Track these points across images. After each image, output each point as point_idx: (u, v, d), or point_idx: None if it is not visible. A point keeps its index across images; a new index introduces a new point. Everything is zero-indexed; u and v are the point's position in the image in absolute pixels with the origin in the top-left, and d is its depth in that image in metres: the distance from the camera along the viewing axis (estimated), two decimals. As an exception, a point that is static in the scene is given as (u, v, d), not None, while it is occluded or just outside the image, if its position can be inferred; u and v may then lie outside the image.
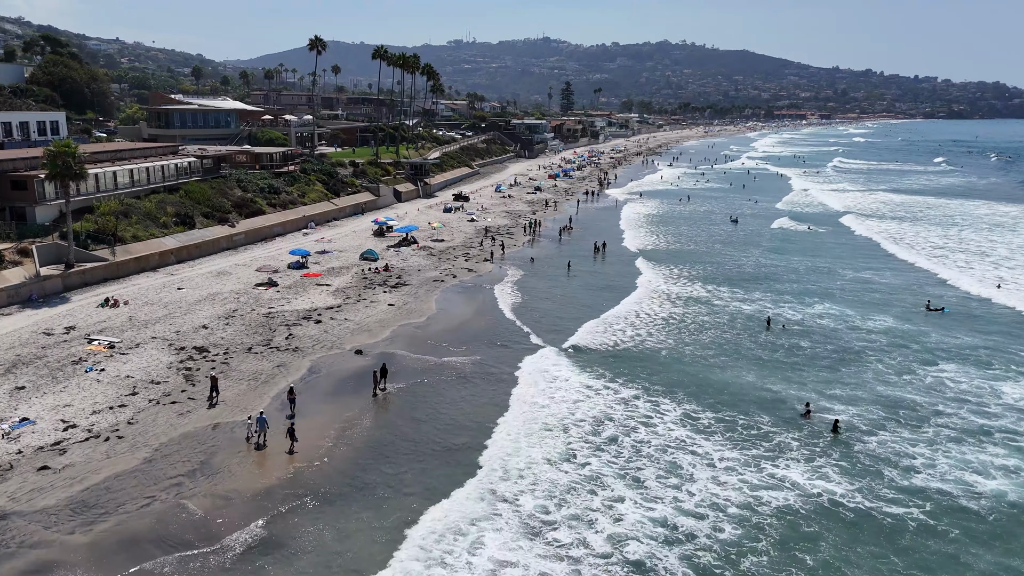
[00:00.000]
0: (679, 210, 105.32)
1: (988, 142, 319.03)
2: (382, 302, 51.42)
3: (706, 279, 62.67)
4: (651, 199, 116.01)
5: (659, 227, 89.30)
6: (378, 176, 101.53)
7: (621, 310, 52.50)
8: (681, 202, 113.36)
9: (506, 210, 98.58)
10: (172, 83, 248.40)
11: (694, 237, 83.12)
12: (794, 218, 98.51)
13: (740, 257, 72.25)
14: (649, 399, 36.66)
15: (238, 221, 69.44)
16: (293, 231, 75.87)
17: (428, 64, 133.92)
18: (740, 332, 47.86)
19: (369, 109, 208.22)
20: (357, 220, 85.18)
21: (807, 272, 65.65)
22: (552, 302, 54.20)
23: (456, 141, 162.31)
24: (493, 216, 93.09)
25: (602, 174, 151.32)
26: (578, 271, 64.58)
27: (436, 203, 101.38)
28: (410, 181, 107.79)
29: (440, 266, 63.89)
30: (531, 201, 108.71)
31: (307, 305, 49.76)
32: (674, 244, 78.85)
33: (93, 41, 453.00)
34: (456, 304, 52.49)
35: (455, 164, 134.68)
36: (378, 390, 36.35)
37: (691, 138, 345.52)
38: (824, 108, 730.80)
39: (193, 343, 41.27)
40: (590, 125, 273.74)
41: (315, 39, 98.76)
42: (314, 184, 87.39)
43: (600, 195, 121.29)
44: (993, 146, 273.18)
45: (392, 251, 68.89)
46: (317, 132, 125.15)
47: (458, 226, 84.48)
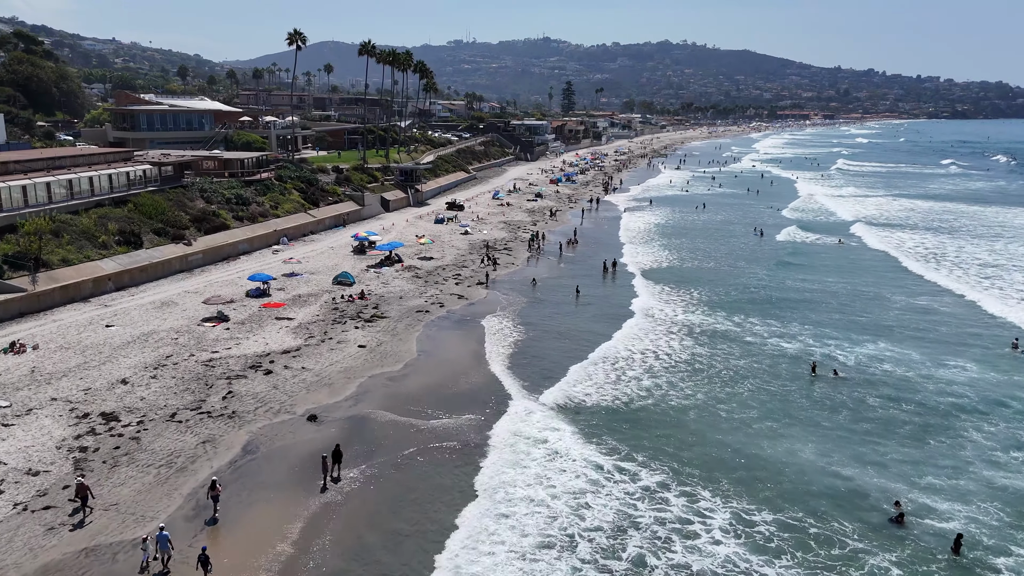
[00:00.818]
0: (693, 220, 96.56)
1: (993, 143, 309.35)
2: (352, 342, 42.74)
3: (732, 306, 54.00)
4: (662, 207, 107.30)
5: (673, 240, 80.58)
6: (364, 183, 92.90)
7: (636, 349, 43.86)
8: (697, 210, 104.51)
9: (504, 220, 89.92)
10: (161, 83, 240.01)
11: (713, 253, 74.39)
12: (803, 228, 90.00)
13: (767, 277, 63.55)
14: (682, 488, 28.01)
15: (196, 238, 60.78)
16: (262, 248, 67.22)
17: (421, 62, 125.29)
18: (785, 382, 39.17)
19: (362, 110, 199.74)
20: (337, 234, 76.50)
21: (849, 298, 56.89)
22: (556, 340, 45.49)
23: (452, 143, 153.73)
24: (490, 228, 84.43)
25: (607, 178, 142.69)
26: (587, 296, 55.89)
27: (427, 212, 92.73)
28: (400, 188, 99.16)
29: (426, 291, 55.22)
30: (531, 210, 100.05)
31: (259, 348, 41.07)
32: (691, 261, 70.13)
33: (88, 41, 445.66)
34: (441, 344, 43.79)
35: (450, 168, 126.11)
36: (330, 480, 27.72)
37: (695, 139, 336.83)
38: (827, 108, 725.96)
39: (103, 407, 32.59)
40: (592, 126, 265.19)
41: (294, 33, 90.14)
42: (290, 193, 78.77)
43: (605, 202, 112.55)
44: (1002, 147, 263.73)
45: (372, 272, 60.22)
46: (302, 135, 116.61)
47: (450, 240, 75.81)
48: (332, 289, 54.36)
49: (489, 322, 48.17)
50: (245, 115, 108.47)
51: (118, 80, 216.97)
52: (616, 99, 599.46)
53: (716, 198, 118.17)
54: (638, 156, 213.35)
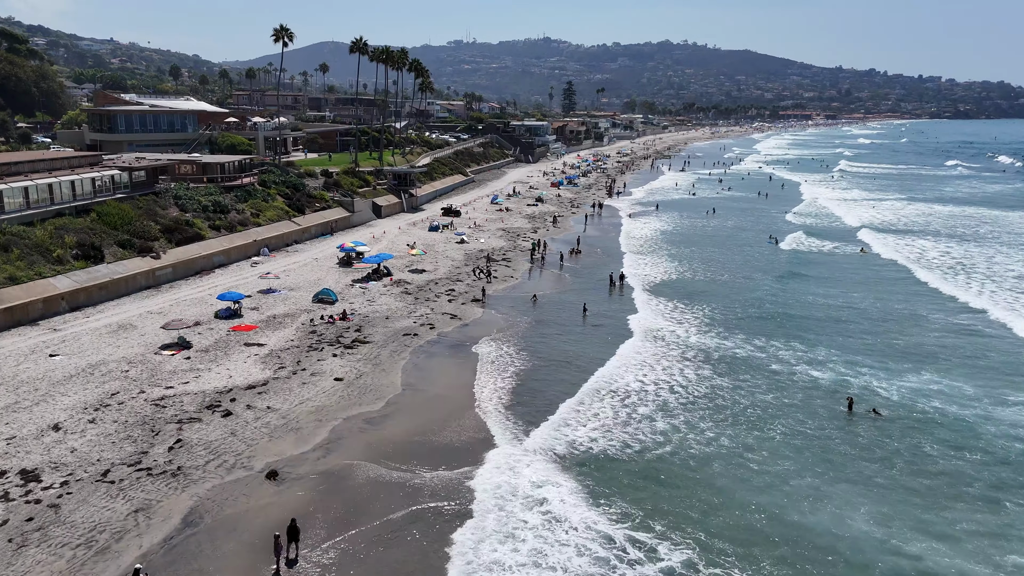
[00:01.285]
0: (703, 226, 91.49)
1: (1000, 143, 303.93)
2: (328, 374, 37.73)
3: (750, 326, 49.03)
4: (668, 212, 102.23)
5: (682, 249, 75.53)
6: (354, 188, 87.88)
7: (648, 379, 38.91)
8: (706, 215, 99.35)
9: (503, 227, 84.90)
10: (154, 83, 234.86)
11: (726, 263, 69.35)
12: (812, 234, 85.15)
13: (785, 291, 58.53)
14: (713, 572, 23.00)
15: (166, 250, 55.76)
16: (241, 259, 62.19)
17: (416, 60, 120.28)
18: (822, 422, 34.16)
19: (359, 110, 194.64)
20: (324, 243, 71.49)
21: (880, 317, 51.81)
22: (558, 369, 40.48)
23: (450, 145, 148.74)
24: (487, 236, 79.43)
25: (610, 181, 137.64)
26: (594, 315, 50.86)
27: (422, 219, 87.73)
28: (393, 193, 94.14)
29: (416, 310, 50.18)
30: (532, 215, 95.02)
31: (220, 382, 36.05)
32: (703, 273, 65.09)
33: (85, 41, 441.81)
34: (430, 376, 38.77)
35: (447, 171, 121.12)
36: (283, 564, 22.66)
37: (698, 139, 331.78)
38: (828, 108, 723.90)
39: (25, 461, 27.62)
40: (594, 127, 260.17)
41: (280, 28, 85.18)
42: (274, 200, 73.77)
43: (609, 207, 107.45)
44: (1010, 148, 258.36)
45: (358, 288, 55.20)
46: (291, 136, 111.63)
47: (445, 250, 70.81)
48: (312, 308, 49.35)
49: (485, 348, 43.14)
50: (231, 116, 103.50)
51: (109, 80, 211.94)
52: (617, 99, 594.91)
53: (725, 202, 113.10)
54: (641, 158, 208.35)
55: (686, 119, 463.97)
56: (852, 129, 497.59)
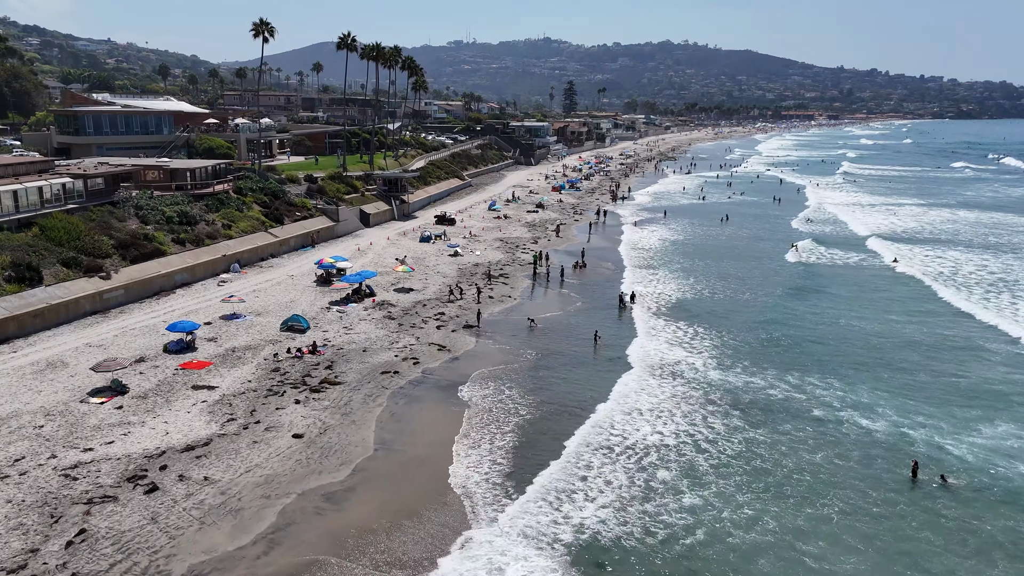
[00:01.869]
0: (716, 235, 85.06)
1: (1009, 143, 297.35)
2: (286, 428, 31.40)
3: (780, 357, 42.75)
4: (678, 219, 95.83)
5: (697, 262, 69.14)
6: (341, 194, 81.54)
7: (668, 431, 32.69)
8: (721, 223, 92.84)
9: (500, 237, 78.53)
10: (143, 84, 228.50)
11: (746, 279, 62.97)
12: (826, 243, 79.01)
13: (816, 314, 52.19)
14: None
15: (118, 269, 49.39)
16: (207, 277, 55.82)
17: (409, 58, 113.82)
18: (889, 493, 27.81)
19: (352, 111, 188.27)
20: (304, 257, 65.15)
21: (931, 348, 45.35)
22: (562, 418, 34.09)
23: (446, 147, 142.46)
24: (483, 247, 73.10)
25: (614, 186, 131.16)
26: (606, 344, 44.52)
27: (413, 228, 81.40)
28: (383, 199, 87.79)
29: (399, 339, 43.84)
30: (532, 223, 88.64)
31: (153, 441, 29.72)
32: (722, 291, 58.70)
33: (82, 42, 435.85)
34: (408, 429, 32.42)
35: (442, 175, 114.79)
36: None
37: (702, 140, 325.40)
38: (830, 108, 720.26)
39: None
40: (595, 127, 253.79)
41: (260, 22, 78.80)
42: (250, 209, 67.46)
43: (614, 213, 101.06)
44: (1018, 149, 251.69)
45: (335, 312, 48.86)
46: (277, 139, 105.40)
47: (435, 264, 64.49)
48: (279, 338, 43.01)
49: (476, 391, 36.76)
50: (211, 117, 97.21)
51: (96, 79, 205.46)
52: (617, 100, 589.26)
53: (737, 208, 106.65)
54: (644, 159, 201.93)
55: (688, 119, 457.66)
56: (854, 129, 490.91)
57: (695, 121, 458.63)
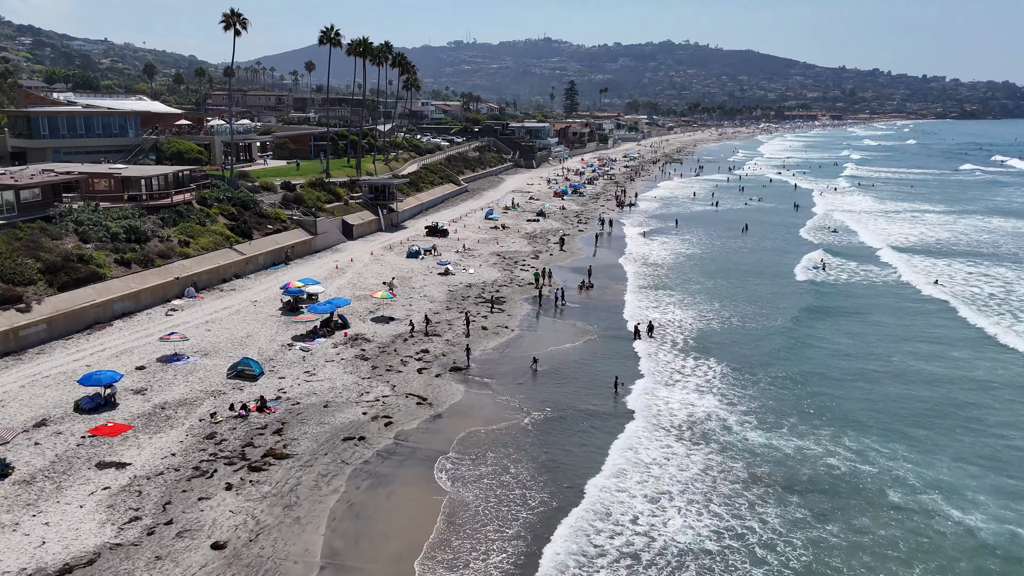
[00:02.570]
0: (737, 248, 77.14)
1: (1020, 144, 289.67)
2: (205, 532, 23.70)
3: (833, 412, 35.11)
4: (691, 229, 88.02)
5: (718, 282, 61.31)
6: (321, 204, 73.81)
7: (703, 528, 25.28)
8: (741, 234, 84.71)
9: (497, 252, 70.83)
10: (129, 83, 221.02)
11: (777, 303, 55.16)
12: (845, 256, 71.86)
13: (866, 353, 44.52)
14: None
15: (43, 298, 41.71)
16: (155, 304, 48.08)
17: (400, 54, 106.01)
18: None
19: (345, 111, 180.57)
20: (274, 277, 57.45)
21: (1019, 396, 37.77)
22: (567, 511, 26.43)
23: (441, 149, 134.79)
24: (478, 263, 65.41)
25: (620, 191, 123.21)
26: (623, 392, 36.88)
27: (401, 240, 73.73)
28: (369, 208, 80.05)
29: (370, 389, 36.16)
30: (532, 234, 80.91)
31: (19, 558, 22.00)
32: (752, 320, 50.81)
33: (78, 41, 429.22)
34: (370, 530, 24.68)
35: (436, 180, 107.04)
36: None
37: (706, 141, 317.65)
38: (833, 108, 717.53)
39: None
40: (598, 128, 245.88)
41: (231, 14, 71.12)
42: (214, 221, 59.77)
43: (620, 222, 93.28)
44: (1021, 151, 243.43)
45: (298, 350, 41.19)
46: (257, 141, 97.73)
47: (423, 285, 56.82)
48: (224, 387, 35.33)
49: (461, 468, 29.06)
50: (183, 117, 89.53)
51: (80, 79, 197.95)
52: (618, 100, 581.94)
53: (755, 216, 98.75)
54: (649, 162, 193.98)
55: (691, 120, 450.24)
56: (859, 130, 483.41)
57: (698, 122, 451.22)
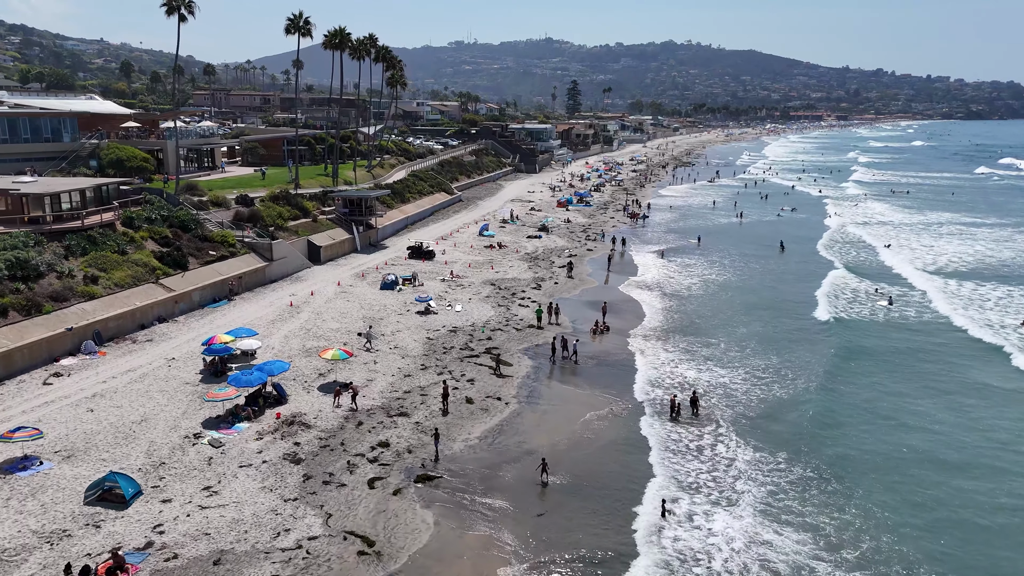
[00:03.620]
0: (779, 273, 65.36)
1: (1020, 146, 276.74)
2: None
3: (972, 550, 23.46)
4: (718, 247, 76.16)
5: (768, 326, 49.43)
6: (284, 220, 62.09)
7: None
8: (778, 255, 72.72)
9: (492, 279, 59.08)
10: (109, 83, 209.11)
11: (847, 356, 43.44)
12: (856, 272, 60.94)
13: (983, 438, 32.88)
14: None
15: None
16: (38, 365, 36.31)
17: (384, 47, 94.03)
18: None
19: (334, 112, 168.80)
20: (209, 319, 45.67)
21: None
22: None
23: (434, 154, 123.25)
24: (468, 295, 53.67)
25: (631, 200, 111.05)
26: (673, 520, 25.18)
27: (377, 266, 62.05)
28: (342, 226, 68.34)
29: (293, 521, 24.40)
30: (533, 255, 69.19)
31: None
32: (844, 385, 39.19)
33: (72, 41, 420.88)
34: None
35: (427, 189, 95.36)
36: None
37: (714, 142, 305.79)
38: (838, 109, 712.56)
39: None
40: (602, 129, 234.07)
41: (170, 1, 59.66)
42: (140, 248, 48.07)
43: (634, 237, 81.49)
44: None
45: (207, 443, 29.45)
46: (222, 146, 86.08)
47: (395, 329, 45.07)
48: (76, 522, 23.62)
49: None
50: (133, 119, 77.75)
51: (54, 77, 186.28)
52: (620, 100, 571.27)
53: (789, 230, 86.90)
54: (658, 165, 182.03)
55: (696, 121, 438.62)
56: (867, 131, 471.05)
57: (703, 122, 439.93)
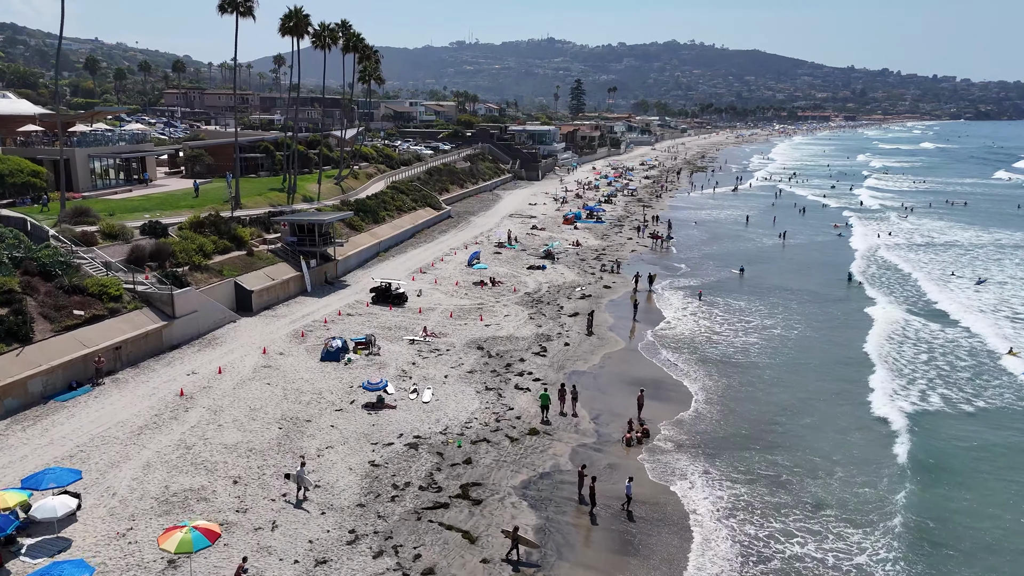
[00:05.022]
0: (858, 322, 49.87)
1: None
2: None
3: None
4: (766, 279, 60.62)
5: (843, 399, 34.05)
6: (203, 257, 46.46)
7: None
8: (849, 286, 57.61)
9: (480, 338, 43.34)
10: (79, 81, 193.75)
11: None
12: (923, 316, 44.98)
13: None
14: None
15: None
16: None
17: (357, 35, 77.50)
18: None
19: (317, 112, 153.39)
20: (44, 428, 30.10)
21: None
22: None
23: (422, 160, 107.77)
24: (443, 369, 37.96)
25: (650, 219, 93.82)
26: None
27: (326, 318, 46.43)
28: (289, 260, 52.65)
29: None
30: (535, 296, 53.50)
31: None
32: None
33: (65, 41, 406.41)
34: None
35: (408, 204, 79.85)
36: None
37: (725, 144, 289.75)
38: (844, 109, 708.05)
39: None
40: (609, 131, 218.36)
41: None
42: (-43, 312, 32.54)
43: (661, 268, 65.87)
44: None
45: None
46: (156, 155, 70.65)
47: (320, 451, 29.51)
48: None
49: None
50: (36, 121, 62.41)
51: (15, 75, 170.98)
52: (623, 101, 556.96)
53: (841, 252, 71.42)
54: (671, 171, 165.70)
55: (704, 121, 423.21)
56: (874, 132, 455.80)
57: (710, 123, 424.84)
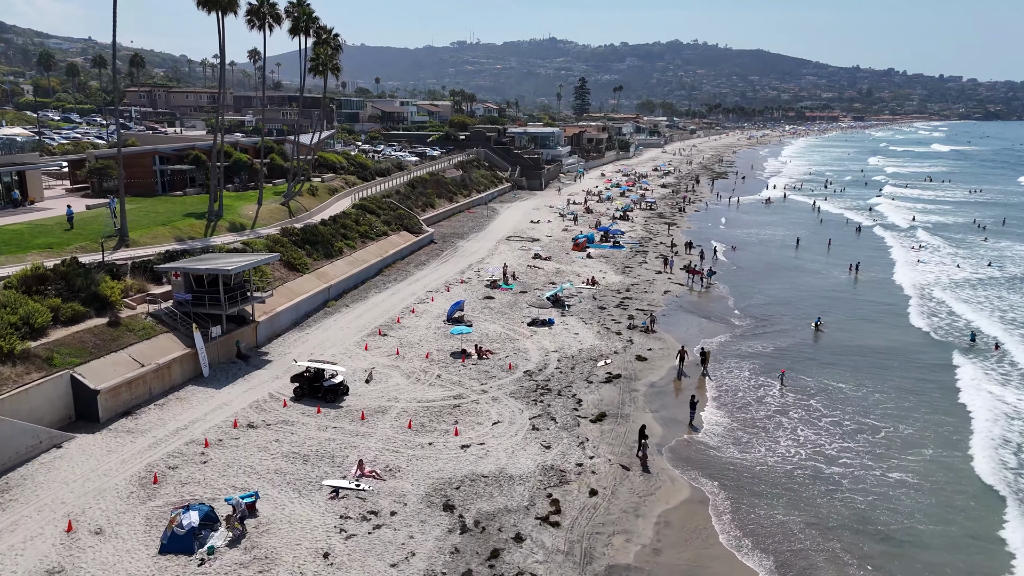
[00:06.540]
0: (995, 413, 33.20)
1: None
2: None
3: None
4: (854, 339, 43.84)
5: None
6: (21, 339, 29.77)
7: None
8: (974, 346, 41.08)
9: (450, 481, 26.53)
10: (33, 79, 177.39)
11: None
12: None
13: None
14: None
15: None
16: None
17: (310, 13, 59.74)
18: None
19: (293, 113, 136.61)
20: None
21: None
22: None
23: (404, 169, 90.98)
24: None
25: (681, 244, 76.74)
26: None
27: (204, 440, 29.68)
28: (177, 328, 35.91)
29: None
30: (541, 382, 36.58)
31: None
32: None
33: (55, 39, 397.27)
34: None
35: (378, 228, 63.07)
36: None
37: (739, 146, 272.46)
38: (851, 109, 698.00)
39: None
40: (617, 133, 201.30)
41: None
42: None
43: (710, 325, 49.01)
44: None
45: None
46: (42, 167, 53.89)
47: None
48: None
49: None
50: None
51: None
52: (626, 101, 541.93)
53: (959, 295, 54.71)
54: (688, 177, 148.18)
55: (712, 122, 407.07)
56: (882, 132, 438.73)
57: (718, 123, 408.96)
